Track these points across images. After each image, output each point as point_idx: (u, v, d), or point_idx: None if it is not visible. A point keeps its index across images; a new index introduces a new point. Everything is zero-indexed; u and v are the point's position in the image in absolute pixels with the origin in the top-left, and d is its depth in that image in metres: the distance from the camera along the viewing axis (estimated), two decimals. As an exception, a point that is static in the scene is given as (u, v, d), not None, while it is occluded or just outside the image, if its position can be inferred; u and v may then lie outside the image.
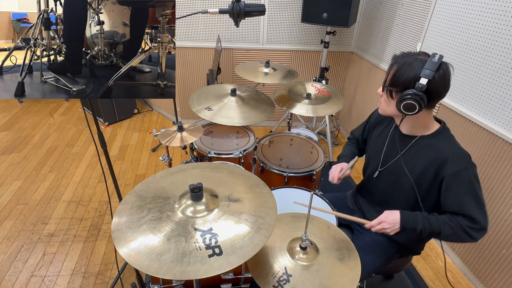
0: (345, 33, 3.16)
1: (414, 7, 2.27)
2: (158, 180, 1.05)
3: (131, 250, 0.79)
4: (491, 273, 1.80)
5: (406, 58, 1.05)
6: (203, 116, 1.68)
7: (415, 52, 1.07)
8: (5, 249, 2.03)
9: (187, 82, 3.42)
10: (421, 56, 1.03)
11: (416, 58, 1.03)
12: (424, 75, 0.99)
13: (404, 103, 1.02)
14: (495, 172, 1.74)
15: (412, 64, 1.02)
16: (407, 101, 1.01)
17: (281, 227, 1.12)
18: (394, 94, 1.09)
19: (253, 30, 3.09)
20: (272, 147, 1.98)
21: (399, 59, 1.06)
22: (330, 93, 2.00)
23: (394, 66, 1.06)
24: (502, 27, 1.61)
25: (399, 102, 1.03)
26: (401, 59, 1.05)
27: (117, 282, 1.83)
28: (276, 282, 0.91)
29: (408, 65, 1.03)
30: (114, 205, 2.31)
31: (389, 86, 1.09)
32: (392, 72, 1.07)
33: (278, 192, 1.58)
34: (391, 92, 1.09)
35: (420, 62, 1.01)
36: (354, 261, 0.99)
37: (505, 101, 1.63)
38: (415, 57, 1.03)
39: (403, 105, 1.02)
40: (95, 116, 1.31)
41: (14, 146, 3.13)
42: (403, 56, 1.06)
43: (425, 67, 0.99)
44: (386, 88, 1.10)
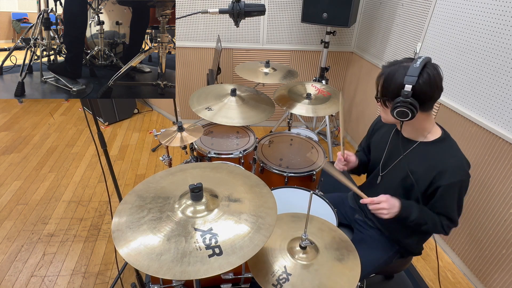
0: (345, 33, 3.16)
1: (414, 7, 2.27)
2: (158, 180, 1.05)
3: (131, 250, 0.79)
4: (491, 273, 1.80)
5: (391, 68, 1.07)
6: (203, 116, 1.68)
7: (401, 59, 1.10)
8: (5, 249, 2.03)
9: (187, 82, 3.42)
10: (405, 63, 1.05)
11: (400, 66, 1.05)
12: (407, 82, 1.01)
13: (396, 111, 1.05)
14: (495, 172, 1.74)
15: (396, 72, 1.05)
16: (398, 109, 1.04)
17: (281, 227, 1.12)
18: (387, 103, 1.11)
19: (253, 30, 3.09)
20: (272, 147, 1.98)
21: (386, 69, 1.09)
22: (330, 93, 2.00)
23: (382, 77, 1.09)
24: (502, 27, 1.61)
25: (392, 110, 1.06)
26: (387, 69, 1.08)
27: (117, 282, 1.83)
28: (275, 281, 0.92)
29: (392, 75, 1.06)
30: (114, 205, 2.31)
31: (381, 96, 1.12)
32: (380, 83, 1.10)
33: (278, 192, 1.58)
34: (384, 102, 1.12)
35: (404, 69, 1.03)
36: (353, 261, 0.99)
37: (505, 101, 1.63)
38: (399, 65, 1.06)
39: (396, 113, 1.05)
40: (95, 116, 1.31)
41: (14, 146, 3.13)
42: (389, 65, 1.09)
43: (407, 74, 1.01)
44: (379, 99, 1.13)
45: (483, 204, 1.83)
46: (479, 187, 1.84)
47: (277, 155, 1.90)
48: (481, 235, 1.85)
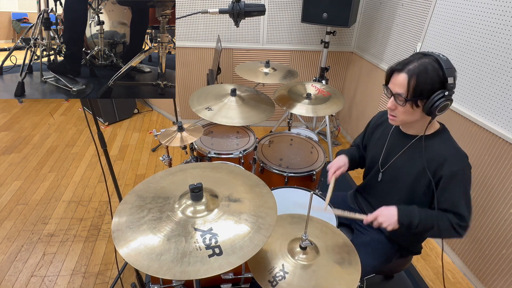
0: (345, 33, 3.16)
1: (414, 7, 2.27)
2: (158, 180, 1.05)
3: (131, 250, 0.78)
4: (491, 273, 1.80)
5: (415, 67, 1.04)
6: (203, 116, 1.68)
7: (410, 58, 1.08)
8: (5, 249, 2.03)
9: (187, 82, 3.42)
10: (421, 59, 1.04)
11: (423, 63, 1.03)
12: (450, 75, 1.01)
13: (442, 105, 1.02)
14: (495, 172, 1.74)
15: (428, 69, 1.02)
16: (443, 103, 1.02)
17: (285, 226, 1.12)
18: (419, 102, 1.07)
19: (253, 30, 3.09)
20: (272, 147, 1.98)
21: (410, 71, 1.05)
22: (330, 93, 2.00)
23: (413, 78, 1.04)
24: (502, 27, 1.61)
25: (431, 107, 1.04)
26: (411, 70, 1.04)
27: (117, 282, 1.83)
28: (271, 278, 0.92)
29: (425, 72, 1.03)
30: (114, 205, 2.31)
31: (414, 97, 1.06)
32: (412, 84, 1.05)
33: (278, 192, 1.58)
34: (415, 102, 1.07)
35: (432, 64, 1.02)
36: (354, 267, 0.98)
37: (505, 101, 1.63)
38: (421, 62, 1.04)
39: (440, 108, 1.03)
40: (95, 116, 1.31)
41: (14, 146, 3.13)
42: (407, 65, 1.06)
43: (445, 67, 1.01)
44: (410, 100, 1.07)
45: (483, 204, 1.83)
46: (479, 187, 1.84)
47: (277, 155, 1.90)
48: (481, 235, 1.85)
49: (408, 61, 1.07)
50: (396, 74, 1.09)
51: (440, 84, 1.03)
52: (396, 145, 1.25)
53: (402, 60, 1.10)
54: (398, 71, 1.08)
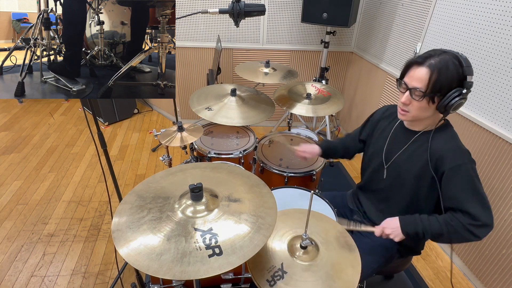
0: (345, 33, 3.16)
1: (414, 7, 2.27)
2: (158, 180, 1.05)
3: (131, 250, 0.79)
4: (491, 273, 1.80)
5: (437, 61, 1.02)
6: (203, 116, 1.68)
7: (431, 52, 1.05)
8: (5, 249, 2.03)
9: (187, 82, 3.42)
10: (443, 54, 1.03)
11: (444, 59, 1.01)
12: (469, 73, 1.00)
13: (458, 103, 1.01)
14: (495, 172, 1.74)
15: (448, 65, 1.01)
16: (460, 101, 1.01)
17: (287, 223, 1.11)
18: (436, 99, 1.05)
19: (253, 30, 3.09)
20: (272, 147, 1.98)
21: (432, 65, 1.02)
22: (330, 93, 2.00)
23: (434, 72, 1.02)
24: (502, 27, 1.61)
25: (447, 104, 1.02)
26: (432, 65, 1.02)
27: (117, 282, 1.83)
28: (270, 277, 0.92)
29: (446, 68, 1.01)
30: (114, 205, 2.31)
31: (433, 92, 1.04)
32: (433, 79, 1.02)
33: (278, 192, 1.58)
34: (432, 98, 1.05)
35: (453, 61, 1.01)
36: (354, 268, 0.98)
37: (505, 101, 1.63)
38: (441, 58, 1.02)
39: (456, 106, 1.02)
40: (95, 116, 1.31)
41: (14, 146, 3.13)
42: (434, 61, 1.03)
43: (466, 65, 1.00)
44: (428, 96, 1.05)
45: (483, 204, 1.83)
46: (479, 187, 1.84)
47: (277, 155, 1.90)
48: (481, 235, 1.85)
49: (428, 55, 1.04)
50: (416, 67, 1.05)
51: (458, 81, 1.01)
52: (399, 141, 1.24)
53: (422, 53, 1.07)
54: (418, 64, 1.05)
